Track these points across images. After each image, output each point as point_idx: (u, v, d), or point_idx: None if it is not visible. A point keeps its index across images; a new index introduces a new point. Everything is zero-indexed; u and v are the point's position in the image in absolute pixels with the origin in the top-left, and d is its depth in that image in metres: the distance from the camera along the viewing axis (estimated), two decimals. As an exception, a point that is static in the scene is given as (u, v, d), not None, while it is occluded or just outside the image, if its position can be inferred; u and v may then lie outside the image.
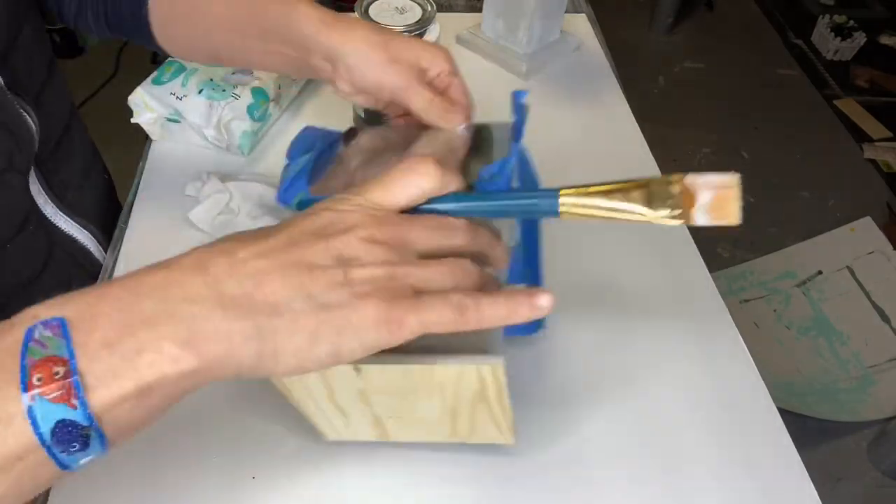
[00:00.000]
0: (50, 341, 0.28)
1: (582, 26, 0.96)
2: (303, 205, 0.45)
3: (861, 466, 1.50)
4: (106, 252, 0.67)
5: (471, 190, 0.42)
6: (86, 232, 0.64)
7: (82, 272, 0.64)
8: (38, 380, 0.27)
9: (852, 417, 1.56)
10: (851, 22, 2.58)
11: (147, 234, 0.67)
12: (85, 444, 0.28)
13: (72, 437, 0.28)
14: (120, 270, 0.64)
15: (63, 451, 0.28)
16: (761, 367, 0.59)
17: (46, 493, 0.50)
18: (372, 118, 0.75)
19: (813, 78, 2.52)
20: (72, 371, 0.28)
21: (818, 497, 0.51)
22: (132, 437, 0.31)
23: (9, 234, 0.55)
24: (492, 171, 0.44)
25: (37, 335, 0.28)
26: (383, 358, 0.38)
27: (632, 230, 0.70)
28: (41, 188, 0.59)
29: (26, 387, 0.27)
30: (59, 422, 0.27)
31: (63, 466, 0.29)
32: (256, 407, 0.54)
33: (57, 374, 0.27)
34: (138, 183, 0.72)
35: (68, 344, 0.28)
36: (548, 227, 0.69)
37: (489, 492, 0.51)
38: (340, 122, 0.74)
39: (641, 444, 0.54)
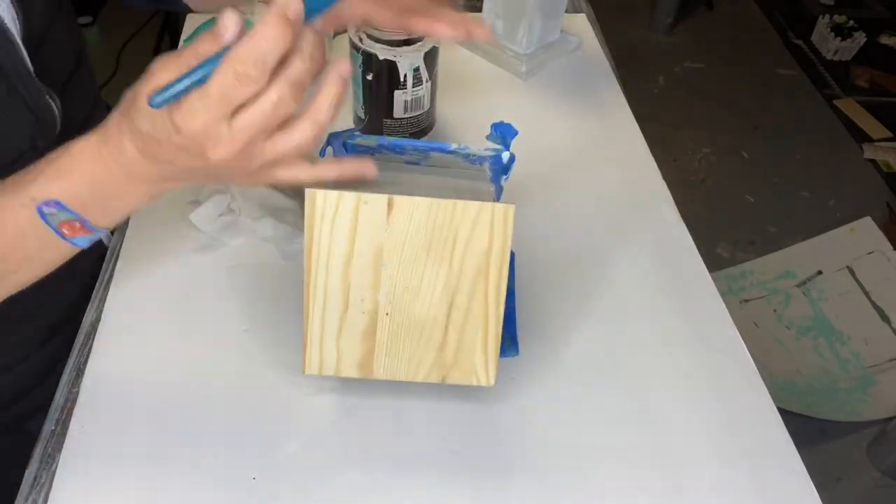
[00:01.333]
0: (57, 213, 0.43)
1: (582, 26, 0.96)
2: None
3: (861, 466, 1.50)
4: (112, 233, 0.67)
5: None
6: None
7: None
8: (68, 230, 0.44)
9: (852, 417, 1.55)
10: (851, 22, 2.57)
11: (147, 234, 0.67)
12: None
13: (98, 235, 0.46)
14: (120, 270, 0.64)
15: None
16: (761, 367, 0.59)
17: (47, 494, 0.50)
18: (371, 120, 0.75)
19: (813, 78, 2.51)
20: (86, 223, 0.44)
21: (818, 497, 0.51)
22: None
23: None
24: None
25: (46, 210, 0.43)
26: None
27: (632, 231, 0.70)
28: None
29: (63, 235, 0.44)
30: (90, 239, 0.46)
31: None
32: (256, 407, 0.55)
33: (76, 226, 0.44)
34: (138, 183, 0.72)
35: (72, 213, 0.43)
36: (547, 230, 0.70)
37: (489, 493, 0.51)
38: (340, 122, 0.74)
39: (641, 445, 0.54)
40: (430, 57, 0.73)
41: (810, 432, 1.53)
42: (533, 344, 0.60)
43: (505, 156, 0.53)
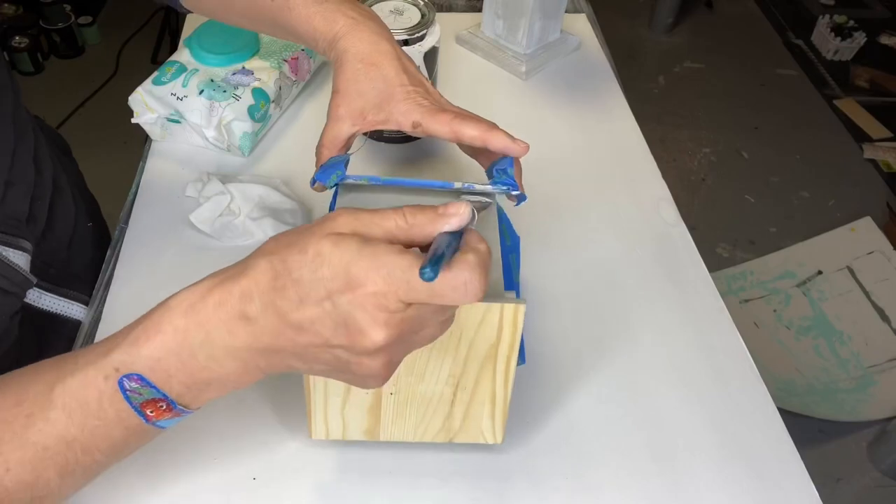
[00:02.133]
0: (141, 390, 0.37)
1: (582, 26, 0.96)
2: (339, 180, 0.49)
3: (861, 466, 1.50)
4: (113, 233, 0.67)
5: None
6: (71, 304, 0.62)
7: (72, 346, 0.62)
8: (151, 412, 0.38)
9: (852, 417, 1.56)
10: (851, 22, 2.58)
11: (147, 234, 0.67)
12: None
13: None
14: (119, 270, 0.64)
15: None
16: (761, 367, 0.59)
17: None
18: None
19: (813, 78, 2.52)
20: (172, 405, 0.38)
21: (818, 497, 0.51)
22: None
23: None
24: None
25: (127, 386, 0.37)
26: None
27: (632, 231, 0.70)
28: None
29: (147, 418, 0.38)
30: (178, 420, 0.39)
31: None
32: (256, 408, 0.55)
33: (161, 407, 0.38)
34: (138, 183, 0.72)
35: (157, 390, 0.37)
36: (546, 228, 0.70)
37: (488, 493, 0.51)
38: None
39: (641, 445, 0.54)
40: (430, 57, 0.73)
41: (810, 432, 1.53)
42: (532, 343, 0.60)
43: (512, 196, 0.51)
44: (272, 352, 0.37)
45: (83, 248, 0.68)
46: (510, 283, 0.55)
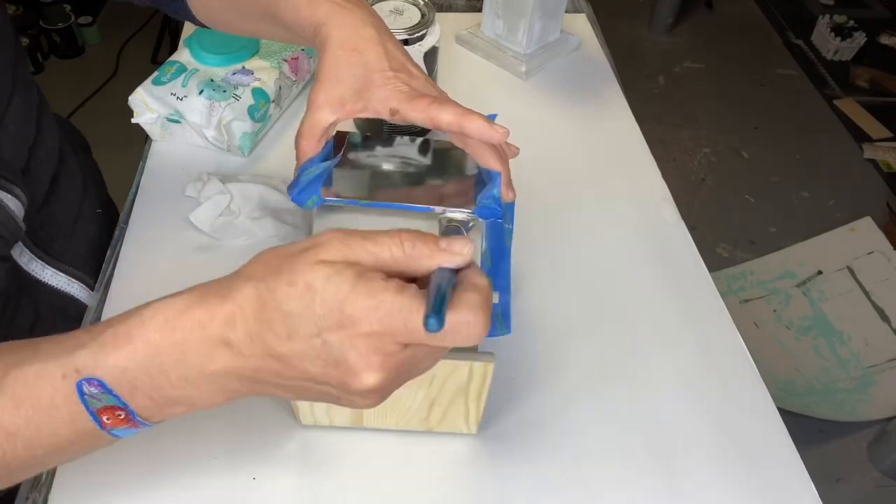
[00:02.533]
0: (100, 396, 0.35)
1: (582, 26, 0.96)
2: (315, 205, 0.48)
3: (861, 466, 1.50)
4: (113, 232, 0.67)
5: None
6: (75, 283, 0.63)
7: (73, 325, 0.62)
8: (108, 419, 0.35)
9: (852, 417, 1.56)
10: (851, 22, 2.58)
11: (147, 234, 0.67)
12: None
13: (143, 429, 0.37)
14: (120, 270, 0.64)
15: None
16: (761, 367, 0.59)
17: (47, 494, 0.50)
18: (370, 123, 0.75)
19: (813, 78, 2.52)
20: (131, 415, 0.35)
21: (818, 497, 0.51)
22: None
23: None
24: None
25: (86, 389, 0.34)
26: None
27: (632, 231, 0.70)
28: (25, 248, 0.58)
29: (102, 425, 0.35)
30: (135, 432, 0.37)
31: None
32: (256, 408, 0.55)
33: (120, 415, 0.35)
34: (138, 183, 0.72)
35: (118, 399, 0.35)
36: (546, 228, 0.70)
37: (488, 493, 0.51)
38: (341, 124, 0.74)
39: (641, 444, 0.54)
40: (430, 57, 0.73)
41: (810, 432, 1.53)
42: (532, 343, 0.60)
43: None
44: (255, 381, 0.35)
45: (88, 231, 0.68)
46: (504, 283, 0.55)
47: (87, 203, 0.69)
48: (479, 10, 0.91)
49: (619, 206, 0.72)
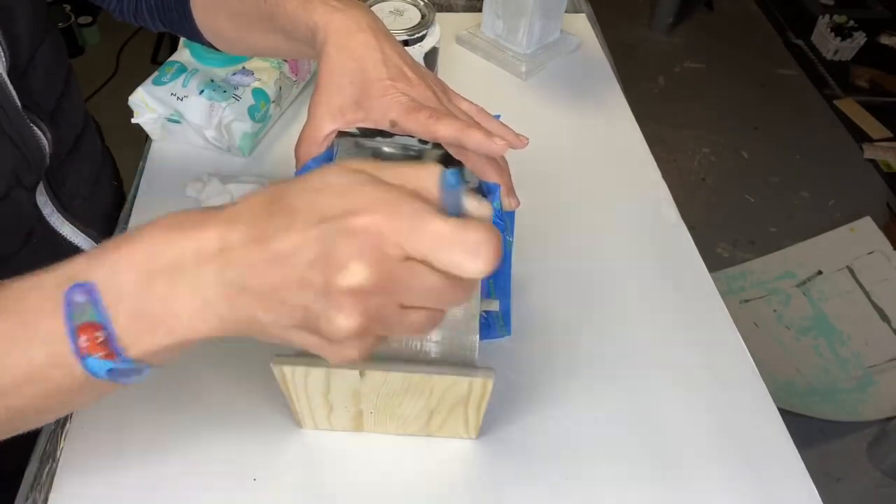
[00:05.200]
0: (85, 307, 0.33)
1: (582, 26, 0.96)
2: None
3: (861, 466, 1.50)
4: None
5: None
6: (91, 242, 0.64)
7: None
8: (86, 341, 0.33)
9: (852, 417, 1.56)
10: (851, 22, 2.58)
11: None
12: (138, 373, 0.35)
13: (124, 374, 0.34)
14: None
15: (119, 381, 0.35)
16: (761, 367, 0.59)
17: (47, 494, 0.50)
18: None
19: (813, 78, 2.52)
20: (110, 337, 0.33)
21: (818, 497, 0.51)
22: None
23: (14, 248, 0.55)
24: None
25: (74, 298, 0.33)
26: (386, 364, 0.43)
27: (632, 231, 0.70)
28: (48, 199, 0.59)
29: (78, 349, 0.33)
30: (109, 370, 0.34)
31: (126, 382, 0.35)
32: (257, 409, 0.55)
33: (98, 338, 0.33)
34: (138, 183, 0.72)
35: (101, 314, 0.33)
36: (546, 228, 0.70)
37: (488, 495, 0.51)
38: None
39: (641, 444, 0.54)
40: (430, 57, 0.73)
41: (810, 432, 1.53)
42: (532, 343, 0.60)
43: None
44: (237, 290, 0.32)
45: (104, 197, 0.71)
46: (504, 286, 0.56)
47: (105, 172, 0.71)
48: (479, 10, 0.91)
49: (619, 206, 0.72)
